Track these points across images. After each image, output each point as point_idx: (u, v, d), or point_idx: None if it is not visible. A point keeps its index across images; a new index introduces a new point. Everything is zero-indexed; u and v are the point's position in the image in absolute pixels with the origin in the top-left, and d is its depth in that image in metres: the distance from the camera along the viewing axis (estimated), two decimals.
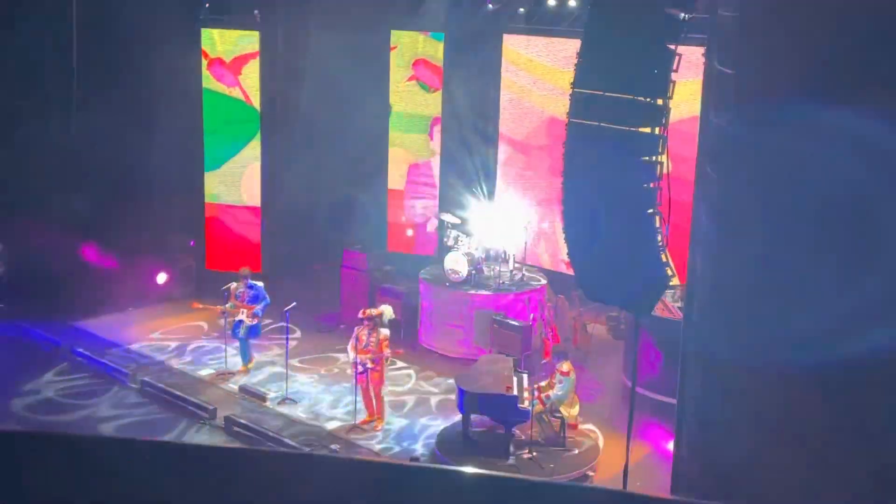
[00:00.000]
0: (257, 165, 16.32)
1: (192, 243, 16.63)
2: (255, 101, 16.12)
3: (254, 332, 13.41)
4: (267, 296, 13.31)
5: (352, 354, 11.86)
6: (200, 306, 13.58)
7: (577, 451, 11.19)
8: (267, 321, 14.57)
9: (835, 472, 4.35)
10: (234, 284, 13.27)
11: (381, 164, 17.26)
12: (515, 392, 11.01)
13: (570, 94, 7.78)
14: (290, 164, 17.02)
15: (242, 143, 16.28)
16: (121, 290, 15.56)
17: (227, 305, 13.20)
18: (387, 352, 11.76)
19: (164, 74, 15.53)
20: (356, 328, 11.89)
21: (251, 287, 13.24)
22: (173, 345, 14.53)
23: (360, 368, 11.74)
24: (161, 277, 16.19)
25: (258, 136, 16.23)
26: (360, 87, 16.75)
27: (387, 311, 12.02)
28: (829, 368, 4.40)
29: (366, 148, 17.22)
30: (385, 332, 11.79)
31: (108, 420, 12.10)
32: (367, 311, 12.00)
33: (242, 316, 13.19)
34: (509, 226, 14.69)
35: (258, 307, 13.21)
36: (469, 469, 1.89)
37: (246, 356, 13.52)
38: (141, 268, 15.78)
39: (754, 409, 4.75)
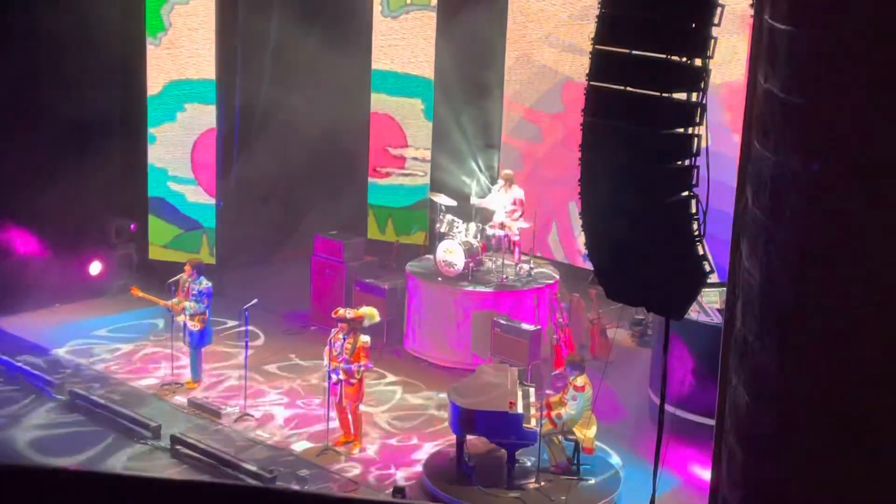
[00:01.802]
0: (212, 133, 16.27)
1: (132, 227, 16.58)
2: (211, 54, 16.06)
3: (201, 339, 13.27)
4: (208, 300, 13.12)
5: (325, 361, 11.86)
6: (140, 294, 13.40)
7: (593, 481, 11.21)
8: (223, 322, 14.56)
9: None
10: (183, 277, 13.21)
11: (362, 133, 17.24)
12: (520, 409, 11.01)
13: (591, 53, 7.75)
14: (252, 132, 16.99)
15: (193, 106, 16.23)
16: (45, 282, 15.51)
17: (172, 301, 13.15)
18: (361, 363, 11.67)
19: (97, 18, 15.43)
20: (333, 330, 11.88)
21: (197, 280, 13.10)
22: (109, 348, 14.49)
23: (333, 379, 11.73)
24: (94, 268, 16.15)
25: (214, 97, 16.18)
26: (338, 41, 16.73)
27: (368, 313, 11.95)
28: None
29: (343, 114, 17.19)
30: (365, 339, 11.75)
31: (27, 438, 12.06)
32: (341, 312, 11.96)
33: (185, 318, 13.08)
34: (515, 209, 14.66)
35: (192, 305, 12.99)
36: None
37: (194, 371, 13.45)
38: (70, 256, 15.73)
39: (811, 434, 4.74)
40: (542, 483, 11.02)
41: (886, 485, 4.47)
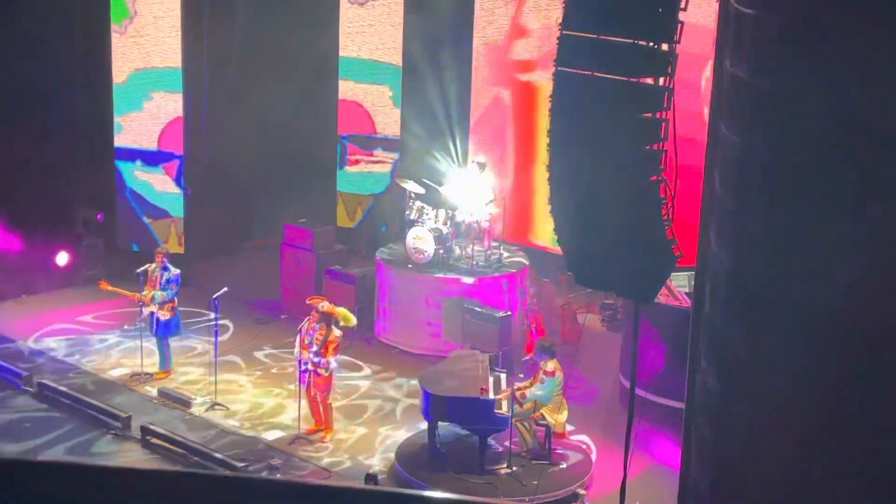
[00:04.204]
0: (179, 121, 16.17)
1: (99, 216, 16.46)
2: (177, 42, 15.94)
3: (168, 328, 13.19)
4: (176, 286, 13.10)
5: (296, 350, 11.84)
6: (109, 288, 13.35)
7: (565, 466, 11.25)
8: (192, 310, 14.48)
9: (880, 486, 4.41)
10: (151, 266, 13.15)
11: (330, 120, 17.18)
12: (491, 395, 11.04)
13: (558, 37, 7.75)
14: (219, 121, 16.89)
15: (159, 94, 16.11)
16: (12, 273, 15.38)
17: (142, 293, 13.08)
18: (330, 358, 11.63)
19: (61, 6, 15.28)
20: (306, 319, 11.83)
21: (165, 269, 13.06)
22: (77, 339, 14.39)
23: (302, 367, 11.72)
24: (61, 258, 16.02)
25: (181, 84, 16.07)
26: (304, 29, 16.66)
27: (343, 314, 11.90)
28: (866, 364, 4.44)
29: (311, 102, 17.12)
30: (337, 332, 11.72)
31: None
32: (315, 299, 11.96)
33: (154, 307, 13.02)
34: (485, 195, 14.67)
35: (161, 293, 12.95)
36: (437, 493, 1.87)
37: (163, 360, 13.40)
38: (37, 246, 15.61)
39: (779, 415, 4.78)
40: (514, 468, 11.05)
41: (853, 465, 4.53)
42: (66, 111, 15.91)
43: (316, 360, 11.60)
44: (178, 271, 13.13)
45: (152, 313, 13.08)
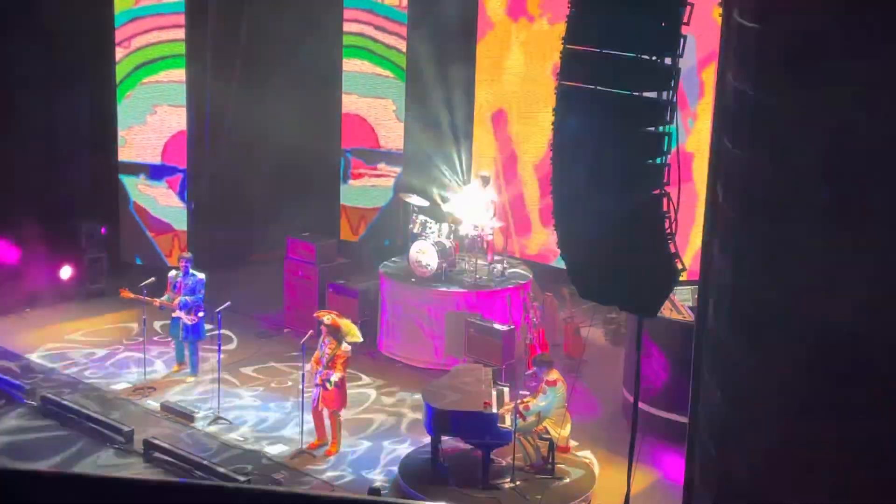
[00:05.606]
0: (182, 135, 16.20)
1: (103, 230, 16.49)
2: (181, 53, 15.99)
3: (194, 331, 13.33)
4: (202, 291, 13.25)
5: (310, 364, 11.87)
6: (131, 296, 13.44)
7: (568, 480, 11.23)
8: None
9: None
10: (173, 272, 13.30)
11: (333, 134, 17.20)
12: (495, 409, 11.03)
13: (561, 52, 7.78)
14: (223, 134, 16.93)
15: (163, 108, 16.16)
16: (14, 286, 15.39)
17: (163, 298, 13.19)
18: (335, 373, 11.61)
19: (66, 18, 15.33)
20: (309, 333, 11.84)
21: (188, 274, 13.21)
22: (81, 353, 14.39)
23: (314, 380, 11.74)
24: (65, 272, 16.04)
25: (184, 99, 16.11)
26: (308, 42, 16.71)
27: (348, 328, 11.88)
28: (869, 379, 4.45)
29: (314, 115, 17.15)
30: (346, 348, 11.71)
31: None
32: (321, 313, 11.98)
33: (181, 312, 13.18)
34: (489, 209, 14.68)
35: (189, 298, 13.11)
36: None
37: (181, 357, 13.59)
38: (40, 260, 15.62)
39: (782, 430, 4.78)
40: (518, 482, 11.03)
41: (857, 481, 4.52)
42: (70, 125, 15.95)
43: (321, 373, 11.61)
44: (202, 276, 13.28)
45: (177, 319, 13.19)
